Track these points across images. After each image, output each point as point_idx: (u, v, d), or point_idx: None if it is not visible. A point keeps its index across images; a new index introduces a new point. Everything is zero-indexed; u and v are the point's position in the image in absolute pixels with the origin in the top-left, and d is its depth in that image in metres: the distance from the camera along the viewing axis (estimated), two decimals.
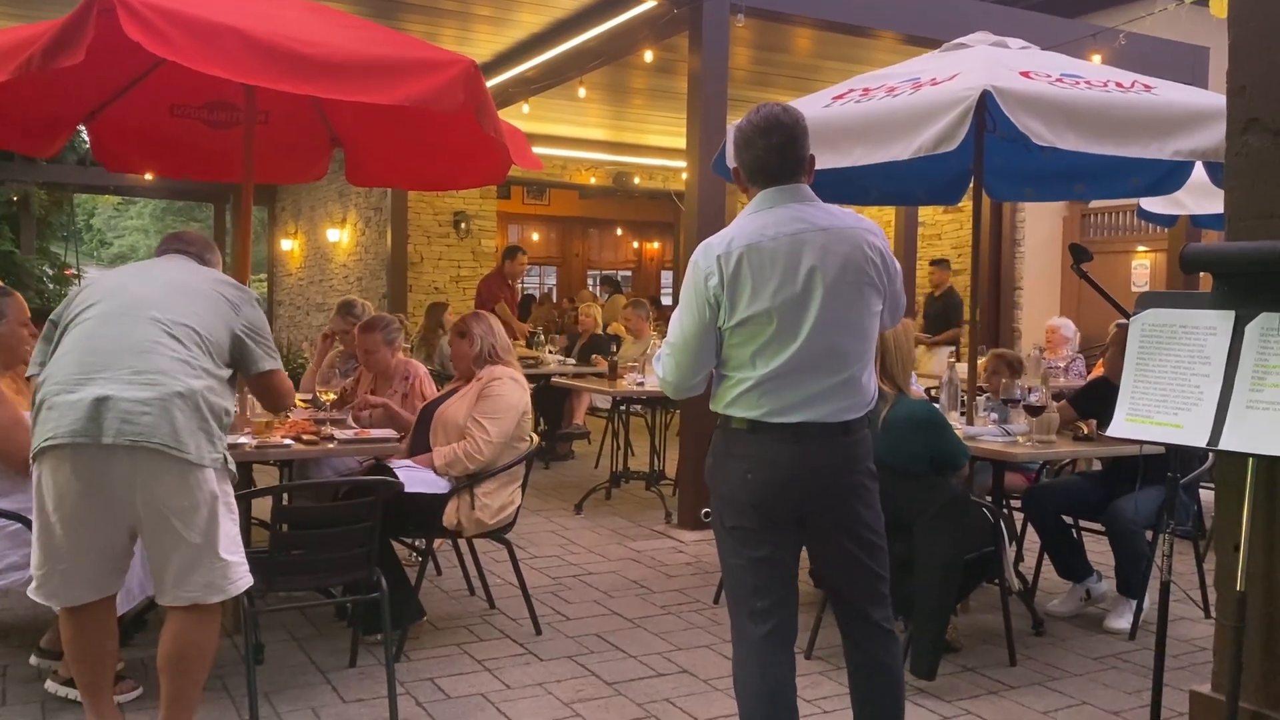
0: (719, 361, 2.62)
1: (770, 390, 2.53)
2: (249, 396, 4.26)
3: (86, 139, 14.45)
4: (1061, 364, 7.76)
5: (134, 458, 2.66)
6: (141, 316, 2.80)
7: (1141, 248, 9.88)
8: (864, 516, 2.64)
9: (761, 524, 2.59)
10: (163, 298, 2.87)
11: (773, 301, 2.51)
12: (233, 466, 2.88)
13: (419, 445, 4.29)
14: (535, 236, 18.88)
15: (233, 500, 2.88)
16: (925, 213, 10.63)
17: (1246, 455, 2.27)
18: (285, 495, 3.84)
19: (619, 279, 18.60)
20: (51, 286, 14.52)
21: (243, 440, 3.75)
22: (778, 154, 2.60)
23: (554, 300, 17.23)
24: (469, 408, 4.18)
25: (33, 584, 2.85)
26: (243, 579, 2.88)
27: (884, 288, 2.62)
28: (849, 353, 2.56)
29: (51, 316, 2.95)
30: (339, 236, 13.82)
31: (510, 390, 4.20)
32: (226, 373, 2.94)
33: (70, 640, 2.90)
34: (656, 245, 20.34)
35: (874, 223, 2.68)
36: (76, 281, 15.55)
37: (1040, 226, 10.50)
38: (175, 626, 2.83)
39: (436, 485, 4.04)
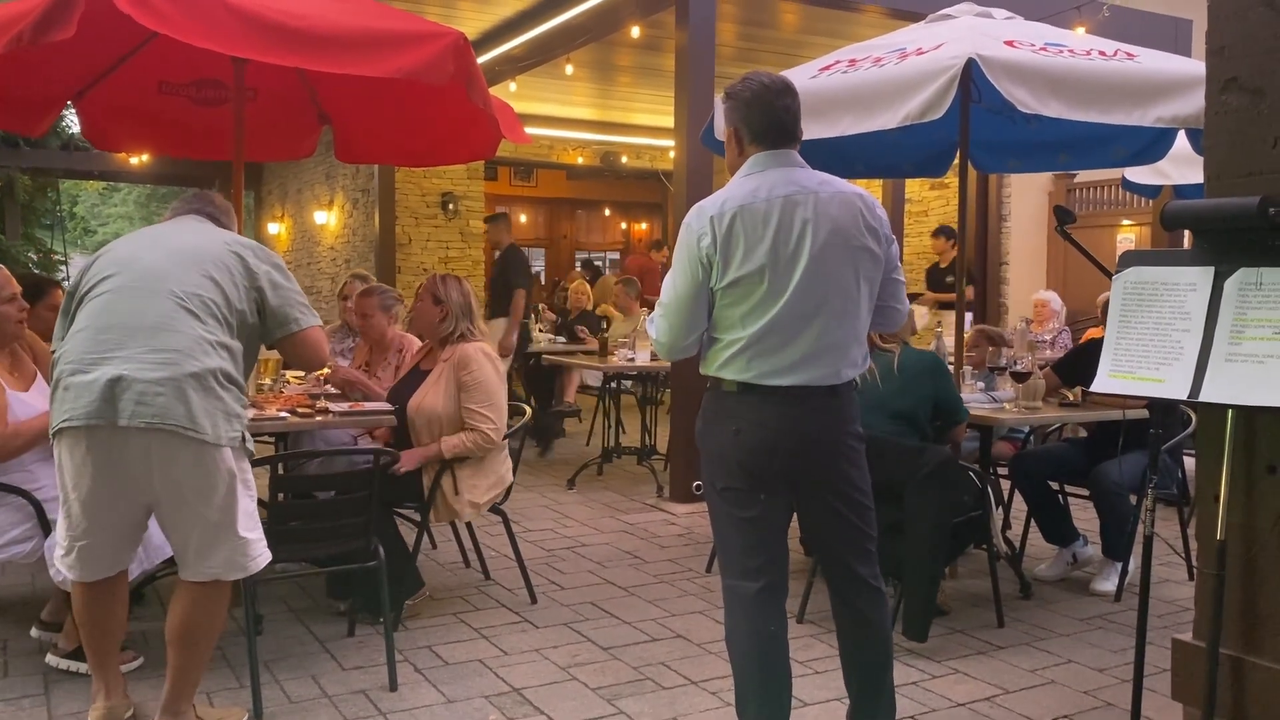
0: (710, 324, 2.66)
1: (760, 352, 2.57)
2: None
3: (70, 124, 14.42)
4: (1048, 336, 7.83)
5: (150, 439, 2.64)
6: (156, 290, 2.74)
7: (1127, 221, 9.95)
8: (852, 477, 2.69)
9: (751, 484, 2.64)
10: (177, 268, 2.79)
11: (764, 261, 2.55)
12: (250, 445, 2.85)
13: (398, 443, 4.15)
14: (523, 218, 18.83)
15: (250, 477, 2.87)
16: (912, 189, 10.66)
17: (1225, 407, 2.33)
18: (281, 465, 3.86)
19: (597, 264, 18.58)
20: (37, 273, 14.45)
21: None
22: (793, 116, 2.66)
23: (542, 282, 17.24)
24: (447, 397, 4.03)
25: (59, 553, 2.87)
26: (262, 555, 2.88)
27: (881, 253, 2.64)
28: (838, 314, 2.58)
29: (68, 288, 2.92)
30: (326, 219, 13.79)
31: (489, 372, 4.07)
32: (241, 347, 2.86)
33: (81, 609, 2.92)
34: (645, 226, 20.33)
35: (869, 193, 2.71)
36: (62, 266, 15.50)
37: (1026, 201, 10.55)
38: (187, 600, 2.83)
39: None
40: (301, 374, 5.04)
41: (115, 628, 2.98)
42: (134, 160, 14.36)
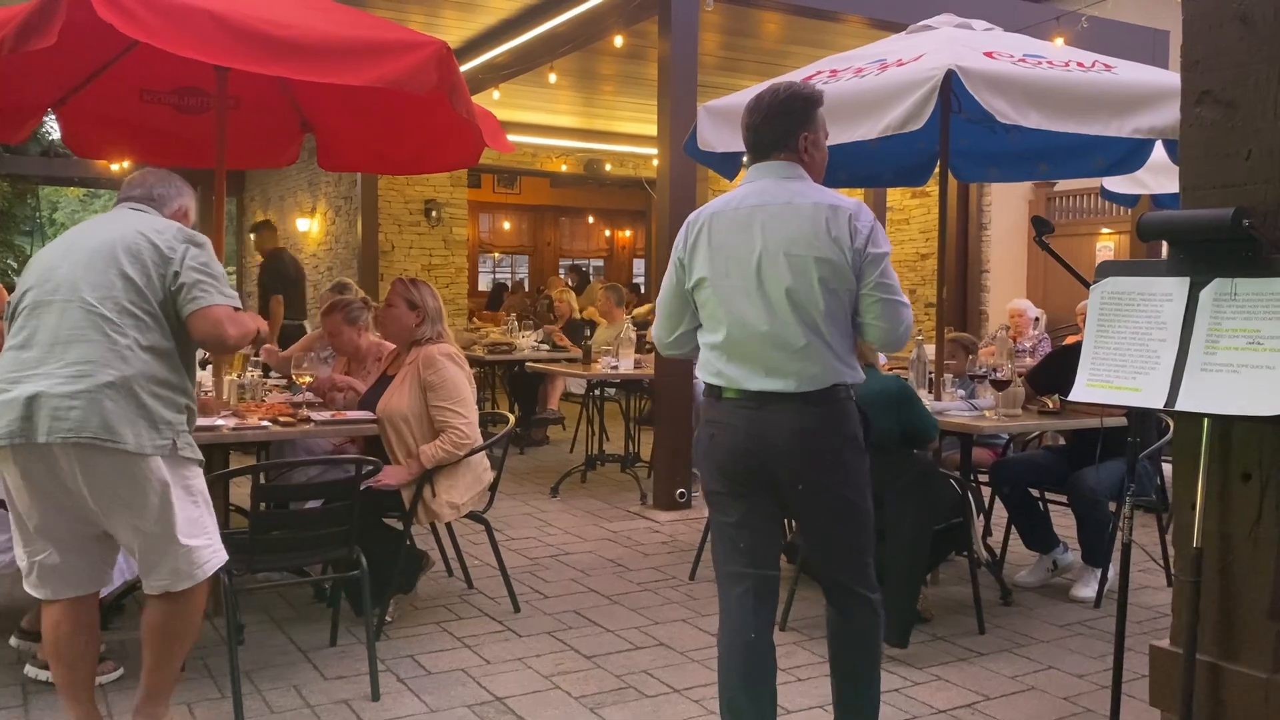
0: (699, 327, 2.77)
1: (729, 357, 2.65)
2: (225, 379, 4.28)
3: (50, 131, 14.33)
4: (1028, 345, 7.88)
5: (70, 454, 2.60)
6: (70, 300, 2.68)
7: (1106, 229, 10.03)
8: (834, 485, 2.65)
9: (729, 489, 2.70)
10: (90, 272, 2.70)
11: (724, 268, 2.66)
12: (189, 451, 2.77)
13: (371, 449, 4.14)
14: (506, 225, 18.85)
15: (193, 483, 2.79)
16: (893, 197, 10.72)
17: (1202, 416, 2.35)
18: (263, 475, 3.85)
19: (583, 268, 18.59)
20: (16, 280, 14.35)
21: (220, 423, 3.76)
22: (753, 132, 2.74)
23: (525, 289, 17.23)
24: (413, 397, 4.02)
25: (23, 573, 2.83)
26: (210, 561, 2.82)
27: (846, 264, 2.59)
28: (802, 323, 2.58)
29: (10, 298, 2.89)
30: (309, 226, 13.75)
31: (453, 372, 4.06)
32: (172, 344, 2.76)
33: (47, 633, 2.84)
34: (628, 233, 20.36)
35: (858, 202, 2.69)
36: None
37: (1006, 210, 10.63)
38: (153, 605, 2.84)
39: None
40: (282, 380, 5.03)
41: (79, 660, 2.84)
42: (114, 167, 14.27)
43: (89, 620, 2.87)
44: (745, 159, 2.81)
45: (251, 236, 10.79)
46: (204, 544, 2.82)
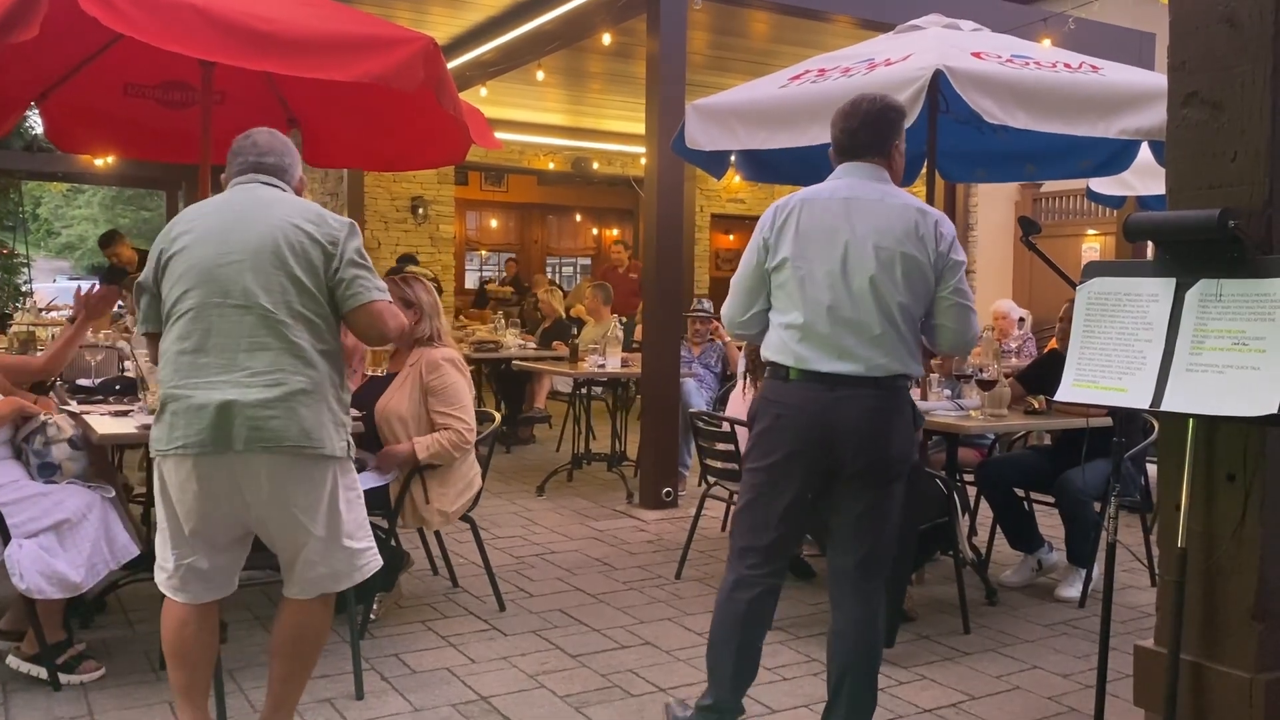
0: (771, 309, 2.89)
1: (804, 337, 2.77)
2: None
3: (34, 125, 14.23)
4: (1014, 345, 7.91)
5: (264, 461, 2.57)
6: (245, 307, 2.60)
7: (1091, 231, 10.08)
8: (892, 466, 2.79)
9: (786, 470, 2.79)
10: (259, 277, 2.61)
11: (810, 251, 2.79)
12: (353, 451, 2.76)
13: (365, 445, 4.08)
14: (494, 223, 18.78)
15: (357, 485, 2.79)
16: None
17: (1187, 416, 2.37)
18: None
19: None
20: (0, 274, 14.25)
21: None
22: (850, 135, 2.92)
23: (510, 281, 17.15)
24: (413, 401, 3.99)
25: (160, 575, 2.76)
26: (369, 564, 2.79)
27: (931, 265, 2.78)
28: (881, 312, 2.74)
29: (140, 280, 2.78)
30: None
31: (456, 377, 4.05)
32: (338, 344, 2.74)
33: (171, 634, 2.76)
34: (616, 232, 20.34)
35: (941, 211, 2.89)
36: (25, 269, 15.25)
37: (993, 211, 10.67)
38: (295, 611, 2.75)
39: (380, 480, 3.98)
40: None
41: (208, 659, 2.81)
42: (98, 162, 14.17)
43: (213, 623, 2.82)
44: (835, 155, 2.94)
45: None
46: (366, 546, 2.79)
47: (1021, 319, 8.27)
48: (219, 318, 2.61)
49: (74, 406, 4.10)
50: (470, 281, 17.53)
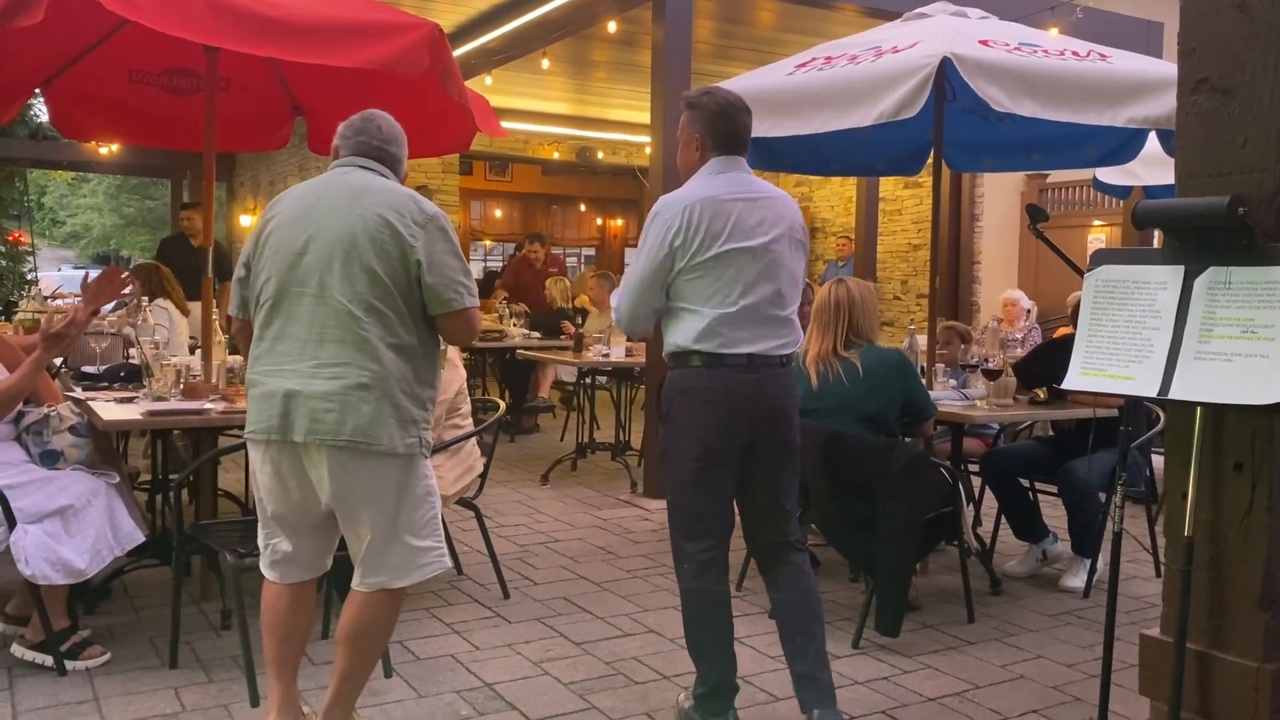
0: (679, 301, 2.94)
1: (727, 326, 2.88)
2: (213, 364, 4.26)
3: (38, 114, 14.21)
4: (1019, 335, 7.89)
5: (324, 454, 2.59)
6: (320, 298, 2.60)
7: (1098, 221, 10.04)
8: (794, 438, 3.04)
9: (725, 460, 2.92)
10: (336, 267, 2.59)
11: (730, 247, 2.90)
12: (428, 450, 2.74)
13: None
14: (498, 213, 18.77)
15: (429, 482, 2.76)
16: (885, 187, 10.71)
17: (1194, 405, 2.35)
18: None
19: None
20: (4, 264, 14.25)
21: (209, 406, 3.74)
22: (749, 131, 3.07)
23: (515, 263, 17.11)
24: None
25: (261, 558, 2.82)
26: (433, 564, 2.76)
27: (805, 250, 3.10)
28: (788, 296, 2.99)
29: (243, 259, 2.77)
30: None
31: (446, 372, 4.00)
32: (416, 339, 2.68)
33: (268, 612, 2.81)
34: (620, 222, 20.32)
35: None
36: (30, 257, 15.26)
37: (999, 201, 10.63)
38: (358, 604, 2.74)
39: None
40: None
41: (297, 635, 2.85)
42: (103, 150, 14.17)
43: (308, 602, 2.85)
44: (710, 150, 3.01)
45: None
46: (433, 545, 2.77)
47: (1028, 310, 8.25)
48: (297, 306, 2.63)
49: (78, 393, 4.10)
50: (475, 271, 17.52)
